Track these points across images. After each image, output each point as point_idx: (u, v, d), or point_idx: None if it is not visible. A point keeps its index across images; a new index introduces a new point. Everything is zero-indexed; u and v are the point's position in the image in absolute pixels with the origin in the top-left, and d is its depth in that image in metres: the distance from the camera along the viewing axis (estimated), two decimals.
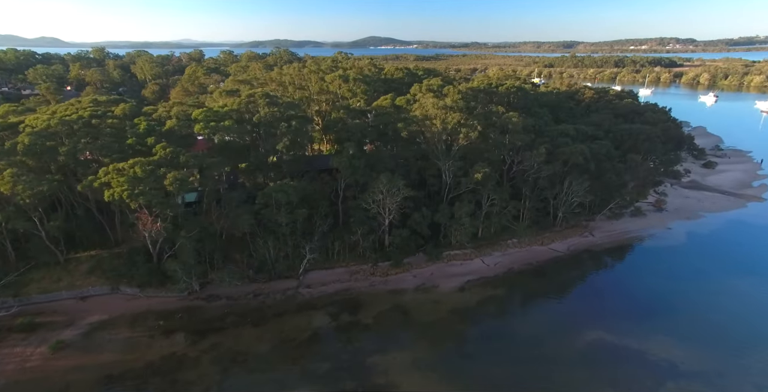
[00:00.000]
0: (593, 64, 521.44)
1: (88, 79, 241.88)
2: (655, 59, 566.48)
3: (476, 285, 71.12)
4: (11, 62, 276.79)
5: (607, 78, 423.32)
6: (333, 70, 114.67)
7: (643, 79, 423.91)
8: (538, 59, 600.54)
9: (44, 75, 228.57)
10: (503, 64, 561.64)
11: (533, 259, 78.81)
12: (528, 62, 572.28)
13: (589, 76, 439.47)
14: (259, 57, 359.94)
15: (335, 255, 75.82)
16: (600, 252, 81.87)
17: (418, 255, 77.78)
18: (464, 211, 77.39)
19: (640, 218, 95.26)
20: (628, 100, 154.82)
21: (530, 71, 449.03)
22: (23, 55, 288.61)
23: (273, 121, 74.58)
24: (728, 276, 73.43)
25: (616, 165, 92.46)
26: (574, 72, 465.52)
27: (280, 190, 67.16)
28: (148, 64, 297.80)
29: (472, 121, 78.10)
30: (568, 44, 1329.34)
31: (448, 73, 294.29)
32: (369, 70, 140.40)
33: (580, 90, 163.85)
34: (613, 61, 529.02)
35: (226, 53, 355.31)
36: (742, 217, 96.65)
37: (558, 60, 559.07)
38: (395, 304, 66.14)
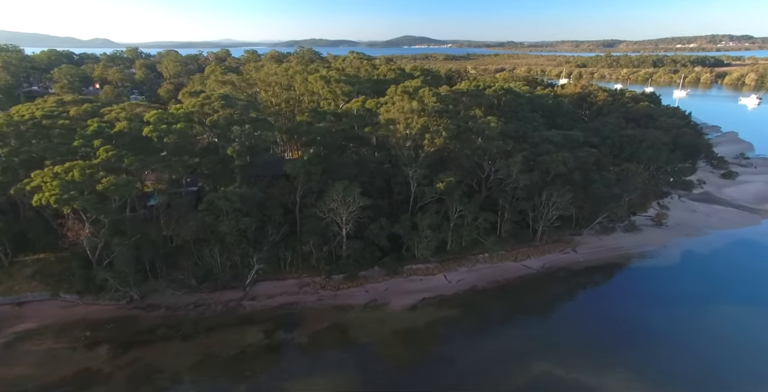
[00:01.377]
0: (629, 63, 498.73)
1: (110, 78, 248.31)
2: (699, 58, 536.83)
3: (431, 304, 66.11)
4: (43, 62, 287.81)
5: (641, 78, 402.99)
6: (317, 71, 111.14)
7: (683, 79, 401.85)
8: (571, 59, 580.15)
9: (68, 74, 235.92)
10: (534, 63, 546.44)
11: (501, 277, 72.97)
12: (560, 62, 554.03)
13: (622, 77, 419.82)
14: (282, 56, 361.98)
15: (287, 265, 72.40)
16: (578, 271, 75.07)
17: (376, 269, 73.37)
18: (426, 223, 72.46)
19: (634, 234, 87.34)
20: (644, 103, 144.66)
21: (559, 71, 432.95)
22: (54, 55, 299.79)
23: (227, 124, 71.82)
24: (723, 303, 65.53)
25: (606, 175, 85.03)
26: (606, 72, 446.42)
27: (222, 196, 64.29)
28: (172, 63, 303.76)
29: (439, 125, 72.96)
30: (609, 43, 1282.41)
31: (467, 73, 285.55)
32: (366, 70, 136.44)
33: (593, 92, 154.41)
34: (651, 60, 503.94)
35: (250, 53, 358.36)
36: (752, 236, 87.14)
37: (591, 60, 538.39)
38: (337, 322, 62.03)
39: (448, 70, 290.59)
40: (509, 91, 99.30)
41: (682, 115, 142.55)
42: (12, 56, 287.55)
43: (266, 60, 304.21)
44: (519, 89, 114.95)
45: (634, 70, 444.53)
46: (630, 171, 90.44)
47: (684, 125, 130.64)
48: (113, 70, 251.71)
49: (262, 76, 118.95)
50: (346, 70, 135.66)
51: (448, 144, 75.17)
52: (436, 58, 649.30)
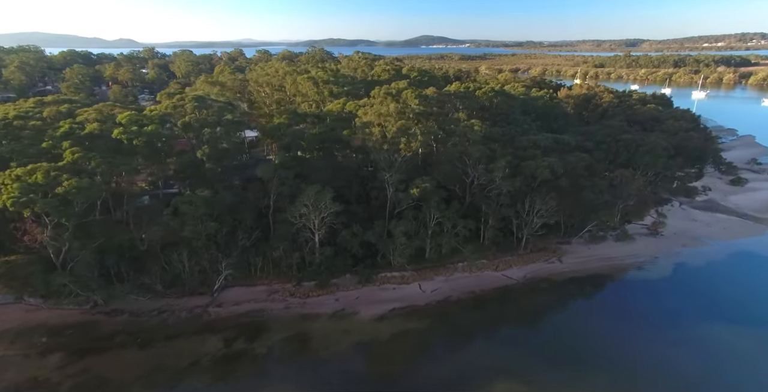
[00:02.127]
0: (649, 63, 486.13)
1: (120, 78, 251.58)
2: (724, 58, 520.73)
3: (400, 315, 63.66)
4: (59, 62, 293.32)
5: (660, 79, 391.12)
6: (307, 72, 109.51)
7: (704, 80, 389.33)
8: (590, 58, 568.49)
9: (80, 74, 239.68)
10: (550, 63, 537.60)
11: (478, 287, 70.09)
12: (578, 62, 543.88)
13: (640, 78, 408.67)
14: (293, 56, 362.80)
15: (258, 271, 70.79)
16: (561, 282, 71.67)
17: (348, 276, 71.25)
18: (400, 230, 70.05)
19: (626, 243, 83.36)
20: (651, 105, 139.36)
21: (575, 72, 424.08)
22: (70, 55, 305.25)
23: (200, 126, 70.56)
24: (709, 323, 61.33)
25: (598, 181, 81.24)
26: (624, 73, 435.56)
27: (186, 200, 62.99)
28: (184, 62, 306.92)
29: (417, 129, 70.46)
30: (631, 42, 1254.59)
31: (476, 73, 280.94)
32: (362, 71, 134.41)
33: (598, 94, 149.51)
34: (672, 60, 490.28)
35: (261, 52, 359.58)
36: (753, 248, 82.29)
37: (610, 60, 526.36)
38: (301, 332, 60.08)
39: (457, 71, 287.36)
40: (500, 92, 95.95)
41: (690, 118, 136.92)
42: (30, 56, 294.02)
43: (276, 60, 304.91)
44: (514, 91, 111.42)
45: (652, 71, 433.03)
46: (624, 177, 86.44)
47: (691, 129, 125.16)
48: (123, 70, 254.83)
49: (254, 76, 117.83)
50: (342, 70, 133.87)
51: (427, 148, 72.59)
52: (451, 57, 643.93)
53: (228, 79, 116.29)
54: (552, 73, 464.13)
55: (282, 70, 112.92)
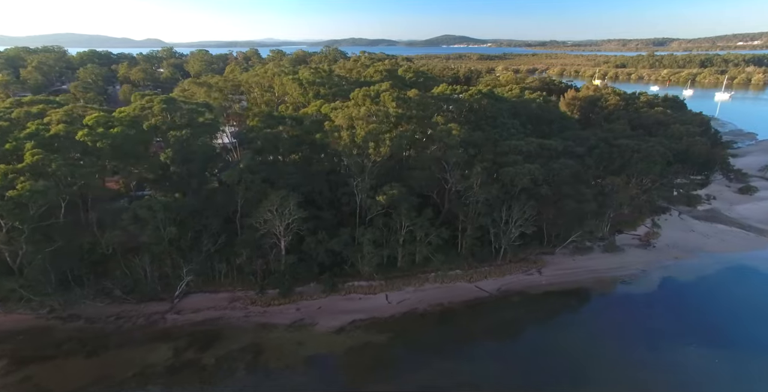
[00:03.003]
0: (673, 63, 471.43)
1: (132, 78, 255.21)
2: (756, 57, 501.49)
3: (360, 327, 61.10)
4: (76, 62, 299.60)
5: (683, 80, 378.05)
6: (295, 73, 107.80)
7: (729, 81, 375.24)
8: (612, 58, 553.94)
9: (92, 73, 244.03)
10: (570, 63, 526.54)
11: (448, 299, 67.02)
12: (599, 62, 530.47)
13: (662, 78, 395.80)
14: (307, 55, 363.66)
15: (222, 277, 69.23)
16: (537, 295, 68.08)
17: (314, 285, 69.08)
18: (367, 238, 67.53)
19: (613, 254, 79.08)
20: (659, 108, 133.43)
21: (593, 72, 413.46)
22: (86, 56, 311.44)
23: (168, 129, 69.36)
24: (687, 345, 56.95)
25: (583, 190, 77.15)
26: (645, 73, 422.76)
27: (145, 205, 61.68)
28: (198, 62, 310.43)
29: (385, 134, 67.82)
30: (660, 42, 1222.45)
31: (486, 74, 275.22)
32: (357, 71, 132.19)
33: (603, 96, 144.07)
34: (699, 60, 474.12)
35: (275, 52, 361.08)
36: (750, 262, 77.07)
37: (632, 60, 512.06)
38: (255, 342, 58.03)
39: (467, 71, 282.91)
40: (487, 95, 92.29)
41: (699, 122, 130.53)
42: (50, 57, 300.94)
43: (287, 60, 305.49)
44: (508, 93, 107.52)
45: (675, 71, 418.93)
46: (615, 185, 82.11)
47: (698, 133, 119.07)
48: (135, 70, 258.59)
49: (245, 77, 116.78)
50: (337, 71, 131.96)
51: (399, 153, 69.94)
52: (470, 57, 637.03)
53: (219, 80, 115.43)
54: (570, 74, 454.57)
55: (270, 71, 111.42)
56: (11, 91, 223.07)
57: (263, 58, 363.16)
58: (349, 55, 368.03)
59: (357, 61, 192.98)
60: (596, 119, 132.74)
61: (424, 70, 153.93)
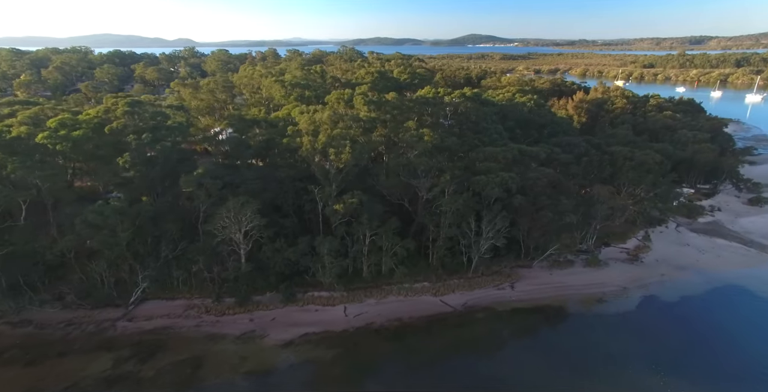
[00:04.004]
0: (705, 63, 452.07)
1: (148, 77, 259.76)
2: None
3: (309, 342, 58.69)
4: (97, 62, 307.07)
5: (713, 80, 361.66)
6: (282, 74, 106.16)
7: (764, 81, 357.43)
8: (641, 57, 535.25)
9: (109, 73, 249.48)
10: (595, 63, 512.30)
11: (408, 314, 63.93)
12: (625, 62, 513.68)
13: (690, 79, 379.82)
14: (323, 55, 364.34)
15: (181, 284, 67.86)
16: (503, 313, 64.32)
17: (272, 294, 66.98)
18: (326, 247, 65.02)
19: (596, 269, 74.48)
20: (667, 112, 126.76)
21: (615, 73, 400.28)
22: (107, 56, 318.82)
23: (129, 133, 68.45)
24: (652, 377, 52.35)
25: (562, 200, 72.83)
26: (672, 73, 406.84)
27: (96, 210, 60.74)
28: (215, 62, 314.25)
29: (346, 140, 65.23)
30: (696, 40, 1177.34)
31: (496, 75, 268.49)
32: (351, 73, 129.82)
33: (610, 99, 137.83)
34: (735, 59, 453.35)
35: (292, 52, 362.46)
36: (744, 281, 71.19)
37: (661, 59, 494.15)
38: (198, 354, 56.18)
39: (481, 71, 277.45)
40: (472, 98, 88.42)
41: (710, 127, 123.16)
42: (72, 57, 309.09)
43: (298, 60, 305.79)
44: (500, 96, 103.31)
45: (706, 72, 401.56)
46: (601, 195, 77.44)
47: (707, 139, 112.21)
48: (150, 70, 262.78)
49: (236, 79, 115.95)
50: (331, 73, 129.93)
51: (363, 160, 67.29)
52: (492, 57, 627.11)
53: (209, 81, 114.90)
54: (593, 74, 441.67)
55: (257, 73, 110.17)
56: (32, 90, 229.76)
57: (281, 57, 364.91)
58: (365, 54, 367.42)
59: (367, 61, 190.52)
60: (600, 123, 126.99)
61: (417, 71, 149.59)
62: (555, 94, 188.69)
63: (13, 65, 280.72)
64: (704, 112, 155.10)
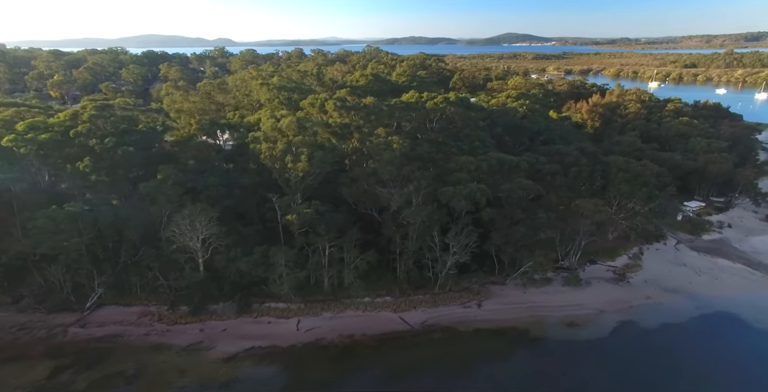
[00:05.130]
0: (756, 62, 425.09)
1: (171, 77, 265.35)
2: None
3: (254, 356, 56.66)
4: (127, 62, 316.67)
5: (761, 80, 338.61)
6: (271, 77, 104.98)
7: None
8: (683, 57, 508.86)
9: (133, 73, 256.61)
10: (632, 63, 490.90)
11: (363, 330, 60.94)
12: (665, 61, 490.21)
13: (734, 80, 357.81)
14: (347, 55, 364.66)
15: (139, 290, 67.18)
16: (463, 334, 60.40)
17: (227, 304, 65.30)
18: (281, 258, 62.81)
19: (575, 289, 69.40)
20: (684, 118, 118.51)
21: (651, 74, 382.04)
22: (136, 57, 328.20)
23: (95, 136, 68.33)
24: None
25: (539, 214, 68.17)
26: (715, 74, 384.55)
27: (48, 215, 60.60)
28: (239, 61, 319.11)
29: (305, 147, 62.85)
30: (754, 37, 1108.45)
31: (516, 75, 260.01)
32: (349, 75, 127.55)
33: (623, 103, 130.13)
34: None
35: (317, 52, 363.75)
36: (740, 309, 64.41)
37: (705, 58, 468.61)
38: (138, 366, 54.94)
39: (501, 72, 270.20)
40: (456, 103, 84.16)
41: (732, 135, 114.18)
42: (104, 58, 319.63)
43: (329, 59, 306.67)
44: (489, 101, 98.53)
45: (753, 72, 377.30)
46: (586, 209, 72.23)
47: (724, 148, 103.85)
48: (174, 70, 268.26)
49: (230, 81, 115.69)
50: (330, 74, 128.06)
51: (323, 168, 64.79)
52: (524, 57, 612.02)
53: (205, 83, 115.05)
54: (627, 75, 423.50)
55: (247, 75, 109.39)
56: (64, 90, 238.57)
57: (306, 56, 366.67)
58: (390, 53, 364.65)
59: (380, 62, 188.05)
60: (608, 130, 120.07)
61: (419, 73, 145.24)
62: (573, 97, 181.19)
63: (49, 66, 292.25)
64: (733, 117, 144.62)
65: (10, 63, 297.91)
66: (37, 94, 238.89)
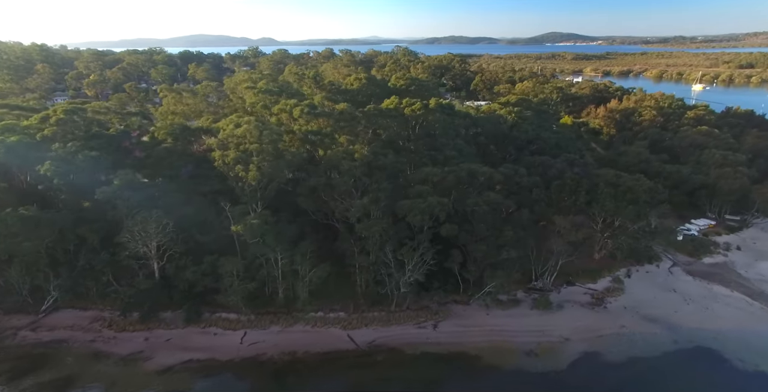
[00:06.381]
0: None
1: (198, 77, 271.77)
2: None
3: (189, 370, 55.33)
4: (159, 62, 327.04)
5: None
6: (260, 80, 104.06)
7: None
8: (741, 56, 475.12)
9: (161, 74, 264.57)
10: (680, 64, 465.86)
11: (306, 347, 58.48)
12: (718, 62, 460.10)
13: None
14: (375, 55, 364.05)
15: (95, 295, 67.23)
16: (409, 357, 56.91)
17: (176, 313, 64.32)
18: (229, 268, 61.25)
19: (544, 313, 64.37)
20: (703, 127, 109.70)
21: (701, 75, 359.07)
22: (168, 57, 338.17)
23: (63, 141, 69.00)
24: None
25: (506, 232, 63.63)
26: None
27: None
28: (267, 61, 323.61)
29: (255, 156, 61.02)
30: None
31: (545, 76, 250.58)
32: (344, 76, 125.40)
33: (638, 110, 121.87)
34: None
35: (344, 52, 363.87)
36: (726, 346, 57.51)
37: (764, 58, 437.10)
38: (71, 375, 54.42)
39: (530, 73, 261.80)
40: (434, 110, 80.00)
41: (757, 147, 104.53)
42: (139, 58, 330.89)
43: (357, 59, 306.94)
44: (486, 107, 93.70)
45: None
46: (563, 227, 67.18)
47: (743, 162, 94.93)
48: (200, 70, 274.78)
49: (226, 84, 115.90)
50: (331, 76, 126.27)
51: (276, 177, 62.85)
52: (563, 57, 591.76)
53: (203, 86, 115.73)
54: (671, 77, 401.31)
55: (239, 78, 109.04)
56: (98, 89, 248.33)
57: (336, 56, 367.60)
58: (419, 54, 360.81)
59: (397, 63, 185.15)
60: (619, 138, 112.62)
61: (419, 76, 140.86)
62: (595, 101, 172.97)
63: (88, 66, 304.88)
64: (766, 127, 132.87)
65: (58, 63, 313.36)
66: (75, 93, 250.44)
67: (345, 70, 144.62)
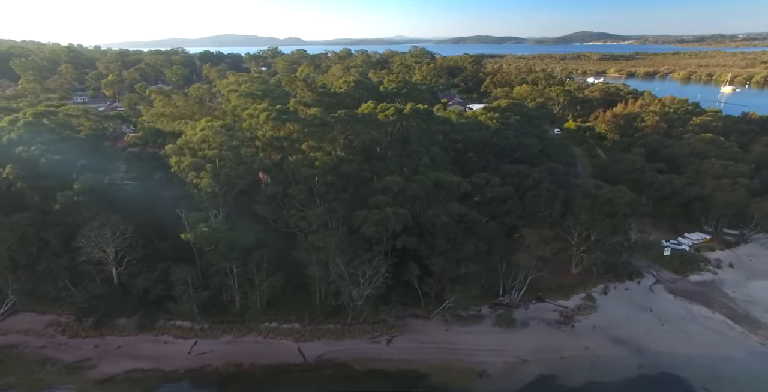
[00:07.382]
0: None
1: (212, 77, 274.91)
2: None
3: (130, 380, 54.57)
4: (178, 61, 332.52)
5: None
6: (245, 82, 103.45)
7: None
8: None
9: (176, 73, 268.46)
10: (713, 64, 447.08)
11: (253, 359, 57.05)
12: (755, 61, 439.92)
13: None
14: (391, 55, 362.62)
15: (53, 299, 67.27)
16: (356, 373, 54.94)
17: (129, 320, 63.76)
18: (182, 276, 60.33)
19: (506, 331, 61.40)
20: (707, 134, 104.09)
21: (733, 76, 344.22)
22: (185, 56, 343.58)
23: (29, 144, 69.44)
24: None
25: (466, 245, 60.92)
26: None
27: None
28: (281, 61, 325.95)
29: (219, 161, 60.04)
30: None
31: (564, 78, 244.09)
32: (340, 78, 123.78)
33: (641, 116, 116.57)
34: None
35: (360, 52, 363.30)
36: (695, 373, 53.36)
37: None
38: (13, 383, 54.00)
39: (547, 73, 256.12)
40: (406, 115, 77.39)
41: (759, 157, 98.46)
42: (157, 59, 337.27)
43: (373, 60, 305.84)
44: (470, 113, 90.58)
45: None
46: (528, 240, 64.02)
47: (745, 173, 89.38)
48: (214, 70, 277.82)
49: (217, 86, 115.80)
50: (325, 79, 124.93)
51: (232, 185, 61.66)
52: (589, 57, 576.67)
53: (194, 89, 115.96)
54: (700, 78, 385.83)
55: (232, 79, 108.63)
56: (116, 89, 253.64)
57: (353, 55, 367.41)
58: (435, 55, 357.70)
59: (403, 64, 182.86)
60: (613, 147, 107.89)
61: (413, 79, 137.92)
62: (605, 104, 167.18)
63: (107, 66, 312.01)
64: None
65: (82, 64, 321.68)
66: (94, 92, 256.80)
67: (339, 72, 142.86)
